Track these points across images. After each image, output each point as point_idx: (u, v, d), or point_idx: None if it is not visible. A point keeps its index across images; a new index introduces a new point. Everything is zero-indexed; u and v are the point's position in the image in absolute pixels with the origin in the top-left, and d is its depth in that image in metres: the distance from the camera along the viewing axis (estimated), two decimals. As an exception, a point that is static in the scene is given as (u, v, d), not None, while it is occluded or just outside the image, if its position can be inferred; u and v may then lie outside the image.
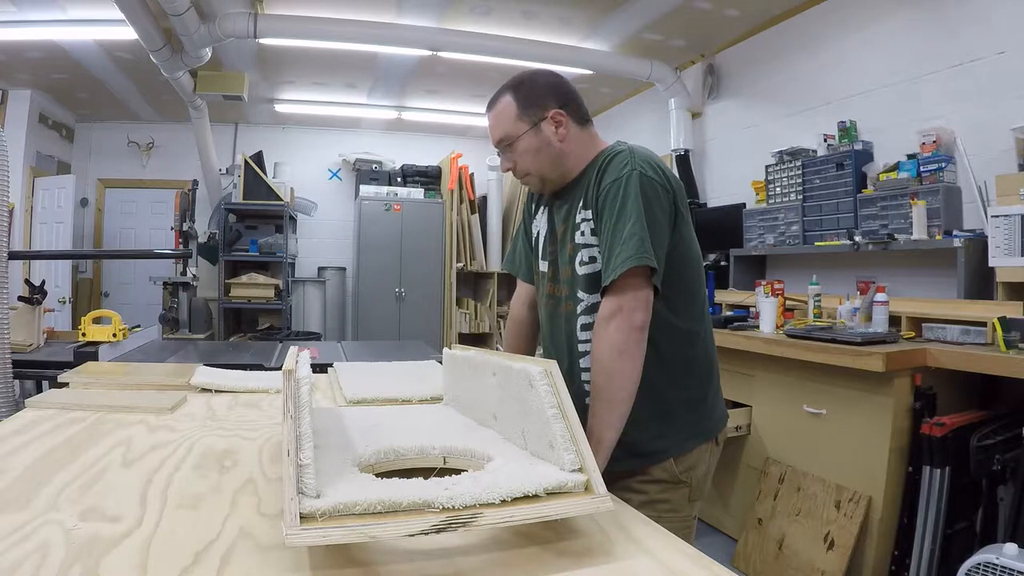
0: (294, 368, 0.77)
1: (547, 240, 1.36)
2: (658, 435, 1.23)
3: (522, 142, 1.25)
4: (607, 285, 1.12)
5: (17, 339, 2.30)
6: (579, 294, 1.25)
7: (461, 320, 6.31)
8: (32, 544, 0.66)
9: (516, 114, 1.26)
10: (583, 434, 0.78)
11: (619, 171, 1.17)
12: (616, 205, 1.15)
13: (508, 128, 1.26)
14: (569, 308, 1.27)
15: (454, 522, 0.64)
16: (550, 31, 4.31)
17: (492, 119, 1.30)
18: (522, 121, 1.25)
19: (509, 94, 1.27)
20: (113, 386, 1.56)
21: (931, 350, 2.24)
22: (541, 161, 1.27)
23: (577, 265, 1.25)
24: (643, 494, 1.23)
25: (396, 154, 6.85)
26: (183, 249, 5.43)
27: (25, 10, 3.89)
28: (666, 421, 1.23)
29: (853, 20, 3.44)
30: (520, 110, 1.26)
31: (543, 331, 1.39)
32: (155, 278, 5.71)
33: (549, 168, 1.27)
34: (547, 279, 1.35)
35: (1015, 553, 1.67)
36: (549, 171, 1.28)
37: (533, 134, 1.25)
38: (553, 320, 1.32)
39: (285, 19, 4.03)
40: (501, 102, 1.28)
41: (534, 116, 1.25)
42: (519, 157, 1.27)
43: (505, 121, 1.26)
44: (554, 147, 1.26)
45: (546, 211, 1.38)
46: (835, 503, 2.34)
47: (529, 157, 1.26)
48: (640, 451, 1.22)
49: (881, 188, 3.01)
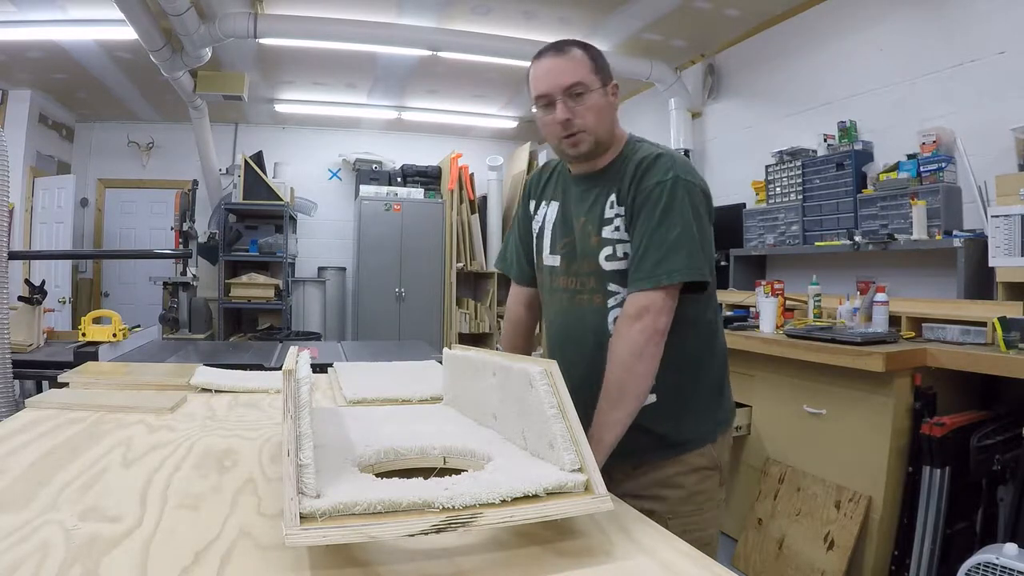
0: (294, 368, 0.77)
1: (558, 232, 1.32)
2: (693, 424, 1.26)
3: (594, 95, 1.20)
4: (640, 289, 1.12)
5: (17, 339, 2.30)
6: (610, 287, 1.23)
7: (461, 320, 6.31)
8: (32, 544, 0.66)
9: (591, 67, 1.21)
10: (583, 434, 0.78)
11: (663, 175, 1.16)
12: (658, 210, 1.14)
13: (583, 76, 1.19)
14: (598, 301, 1.24)
15: (454, 522, 0.64)
16: (550, 31, 4.31)
17: (561, 63, 1.21)
18: (596, 76, 1.21)
19: (580, 49, 1.22)
20: (113, 386, 1.56)
21: (931, 350, 2.24)
22: (602, 122, 1.22)
23: (603, 259, 1.22)
24: (681, 488, 1.24)
25: (396, 154, 6.85)
26: (183, 249, 5.43)
27: (25, 10, 3.89)
28: (698, 410, 1.27)
29: (853, 20, 3.44)
30: (595, 65, 1.22)
31: (551, 325, 1.36)
32: (155, 278, 5.71)
33: (603, 133, 1.23)
34: (560, 272, 1.31)
35: (1015, 553, 1.67)
36: (602, 136, 1.23)
37: (602, 93, 1.22)
38: (569, 313, 1.29)
39: (285, 19, 4.03)
40: (573, 51, 1.22)
41: (605, 77, 1.22)
42: (585, 110, 1.20)
43: (580, 69, 1.20)
44: (613, 114, 1.25)
45: (557, 203, 1.35)
46: (835, 503, 2.34)
47: (593, 114, 1.20)
48: (675, 441, 1.24)
49: (881, 188, 3.01)
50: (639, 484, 1.25)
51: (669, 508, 1.23)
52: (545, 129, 1.25)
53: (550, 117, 1.21)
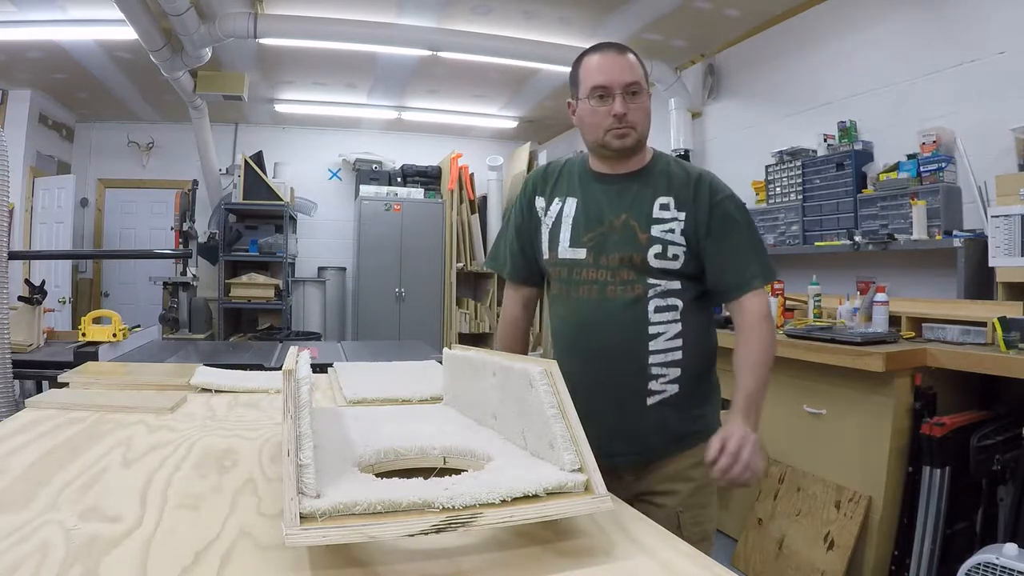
0: (294, 368, 0.77)
1: (581, 225, 1.36)
2: (701, 415, 1.33)
3: (645, 98, 1.32)
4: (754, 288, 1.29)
5: (17, 339, 2.30)
6: (650, 280, 1.30)
7: (461, 320, 6.31)
8: (32, 544, 0.66)
9: (643, 73, 1.33)
10: (583, 434, 0.78)
11: (726, 190, 1.34)
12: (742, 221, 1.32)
13: (640, 79, 1.30)
14: (637, 291, 1.29)
15: (454, 522, 0.64)
16: (550, 31, 4.31)
17: (623, 61, 1.31)
18: (646, 83, 1.33)
19: (633, 54, 1.33)
20: (113, 386, 1.56)
21: (931, 350, 2.24)
22: (646, 124, 1.33)
23: (651, 256, 1.29)
24: (691, 481, 1.29)
25: (396, 154, 6.85)
26: (183, 249, 5.43)
27: (25, 10, 3.89)
28: (709, 401, 1.36)
29: (853, 20, 3.44)
30: (644, 73, 1.33)
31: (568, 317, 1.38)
32: (155, 278, 5.71)
33: (645, 134, 1.34)
34: (586, 264, 1.34)
35: (1015, 553, 1.67)
36: (643, 136, 1.34)
37: (648, 98, 1.33)
38: (599, 305, 1.32)
39: (285, 19, 4.03)
40: (629, 54, 1.32)
41: (648, 86, 1.34)
42: (638, 109, 1.30)
43: (637, 71, 1.31)
44: (650, 120, 1.35)
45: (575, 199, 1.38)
46: (835, 503, 2.34)
47: (643, 115, 1.32)
48: (685, 433, 1.30)
49: (881, 188, 3.01)
50: (649, 482, 1.31)
51: (681, 502, 1.28)
52: (592, 118, 1.31)
53: (605, 108, 1.29)
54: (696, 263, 1.31)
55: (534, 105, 6.04)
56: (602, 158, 1.37)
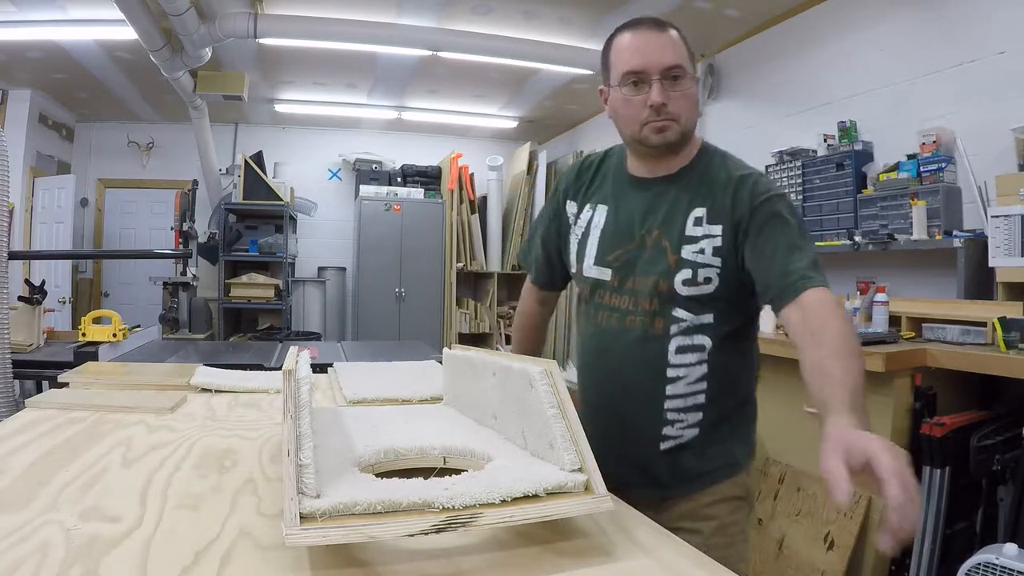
0: (294, 368, 0.77)
1: (608, 241, 1.17)
2: (725, 450, 1.18)
3: (689, 82, 1.10)
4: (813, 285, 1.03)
5: (17, 339, 2.30)
6: (676, 312, 1.11)
7: (461, 320, 6.32)
8: (32, 544, 0.66)
9: (688, 53, 1.10)
10: (583, 434, 0.78)
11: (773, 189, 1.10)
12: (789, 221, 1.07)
13: (683, 60, 1.09)
14: (658, 328, 1.12)
15: (454, 522, 0.64)
16: (550, 31, 4.31)
17: (663, 40, 1.09)
18: (691, 64, 1.11)
19: (675, 30, 1.11)
20: (113, 386, 1.56)
21: (931, 350, 2.24)
22: (692, 113, 1.12)
23: (679, 282, 1.09)
24: (714, 519, 1.15)
25: (396, 154, 6.86)
26: (183, 249, 5.43)
27: (25, 10, 3.89)
28: (735, 437, 1.20)
29: (853, 20, 3.44)
30: (689, 53, 1.11)
31: (586, 342, 1.25)
32: (155, 278, 5.72)
33: (691, 126, 1.12)
34: (610, 288, 1.17)
35: (1015, 553, 1.66)
36: (689, 129, 1.12)
37: (694, 82, 1.12)
38: (616, 336, 1.16)
39: (285, 19, 4.03)
40: (671, 30, 1.11)
41: (693, 67, 1.12)
42: (681, 97, 1.08)
43: (681, 52, 1.09)
44: (698, 108, 1.14)
45: (606, 208, 1.19)
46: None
47: (688, 104, 1.10)
48: (707, 469, 1.16)
49: (881, 188, 3.01)
50: (667, 518, 1.11)
51: (703, 541, 1.10)
52: (626, 109, 1.11)
53: (640, 97, 1.08)
54: (735, 282, 1.09)
55: (534, 105, 6.04)
56: (639, 156, 1.17)
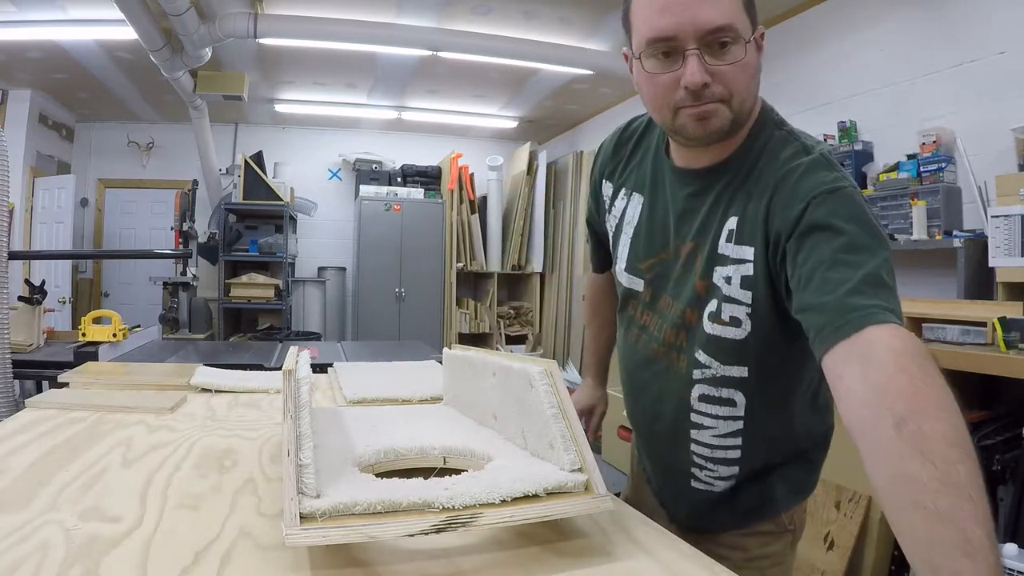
0: (294, 368, 0.77)
1: (642, 244, 0.94)
2: (766, 493, 0.98)
3: (742, 49, 0.76)
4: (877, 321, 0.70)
5: (17, 339, 2.30)
6: (698, 355, 0.88)
7: (461, 320, 6.32)
8: (32, 544, 0.66)
9: (743, 5, 0.78)
10: (583, 434, 0.78)
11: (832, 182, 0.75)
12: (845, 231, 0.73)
13: (734, 17, 0.76)
14: (683, 365, 0.91)
15: (454, 522, 0.64)
16: (550, 31, 4.31)
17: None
18: (748, 18, 0.78)
19: None
20: (113, 386, 1.56)
21: (931, 350, 2.24)
22: (749, 93, 0.80)
23: (706, 319, 0.86)
24: (740, 550, 0.99)
25: (396, 154, 6.86)
26: (183, 249, 5.43)
27: (25, 10, 3.89)
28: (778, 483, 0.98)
29: (853, 20, 3.44)
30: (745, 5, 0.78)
31: (622, 359, 1.06)
32: (155, 278, 5.72)
33: (748, 106, 0.82)
34: (642, 303, 0.97)
35: (1015, 553, 1.67)
36: (745, 112, 0.81)
37: (754, 46, 0.79)
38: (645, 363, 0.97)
39: (285, 19, 4.03)
40: None
41: (754, 22, 0.80)
42: (733, 68, 0.77)
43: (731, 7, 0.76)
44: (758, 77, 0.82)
45: (643, 199, 0.94)
46: (835, 503, 2.34)
47: (745, 75, 0.78)
48: (741, 511, 0.99)
49: (881, 188, 3.01)
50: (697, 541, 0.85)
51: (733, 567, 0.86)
52: (652, 88, 0.81)
53: (670, 75, 0.78)
54: (775, 329, 0.81)
55: (534, 105, 6.04)
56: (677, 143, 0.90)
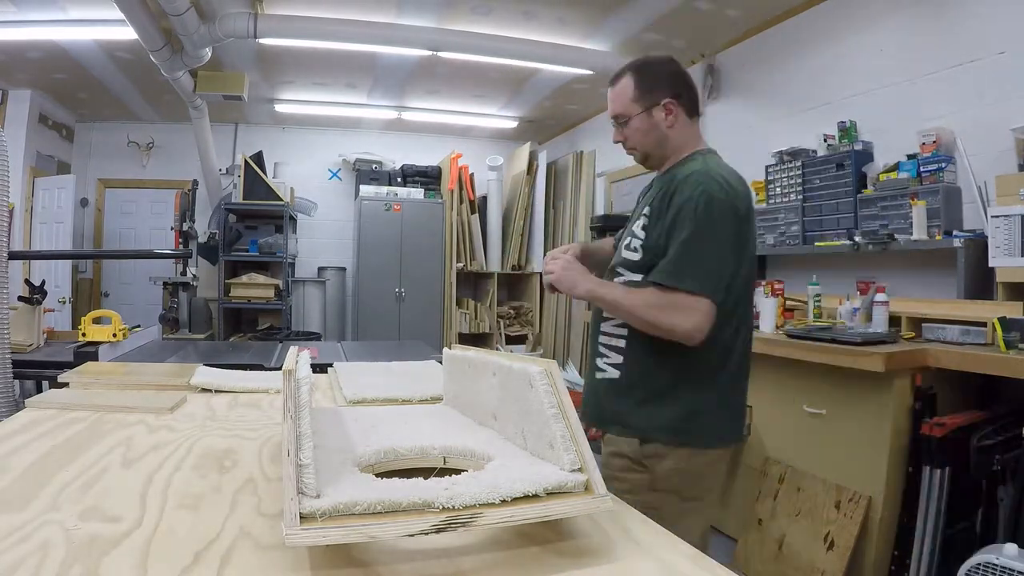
0: (294, 368, 0.77)
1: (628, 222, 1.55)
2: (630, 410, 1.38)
3: (634, 121, 1.43)
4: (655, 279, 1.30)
5: (17, 339, 2.30)
6: (619, 269, 1.43)
7: (461, 320, 6.31)
8: (32, 544, 0.66)
9: (633, 95, 1.42)
10: (583, 434, 0.78)
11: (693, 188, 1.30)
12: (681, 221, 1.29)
13: (624, 108, 1.43)
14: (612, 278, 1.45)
15: (454, 522, 0.64)
16: (550, 31, 4.31)
17: (611, 94, 1.46)
18: (637, 103, 1.42)
19: (630, 75, 1.43)
20: (113, 386, 1.56)
21: (931, 350, 2.24)
22: (647, 141, 1.44)
23: (623, 248, 1.43)
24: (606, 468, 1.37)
25: (396, 154, 6.86)
26: (183, 249, 5.43)
27: (25, 10, 3.89)
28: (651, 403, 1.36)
29: (853, 20, 3.44)
30: (638, 92, 1.42)
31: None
32: (155, 278, 5.72)
33: (653, 148, 1.45)
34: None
35: (1015, 553, 1.67)
36: (652, 150, 1.46)
37: (645, 116, 1.42)
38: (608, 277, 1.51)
39: (285, 19, 4.03)
40: (621, 82, 1.44)
41: (648, 101, 1.41)
42: (630, 133, 1.44)
43: (622, 100, 1.43)
44: (661, 131, 1.43)
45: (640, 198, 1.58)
46: (835, 503, 2.34)
47: (639, 135, 1.44)
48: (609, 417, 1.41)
49: (881, 188, 3.01)
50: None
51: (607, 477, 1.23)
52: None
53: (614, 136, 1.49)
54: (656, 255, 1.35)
55: (534, 105, 6.04)
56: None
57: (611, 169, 5.89)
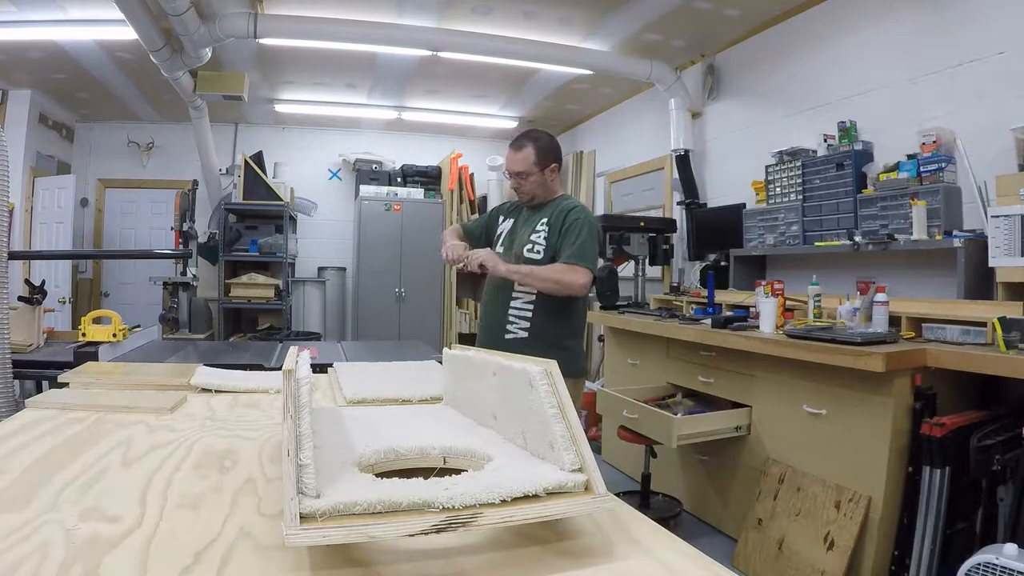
0: (294, 368, 0.77)
1: (508, 236, 2.31)
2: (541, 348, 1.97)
3: (532, 177, 2.21)
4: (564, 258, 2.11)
5: (17, 339, 2.30)
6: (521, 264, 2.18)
7: (461, 320, 6.31)
8: (32, 544, 0.66)
9: (534, 160, 2.19)
10: (583, 434, 0.78)
11: (579, 214, 2.16)
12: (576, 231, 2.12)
13: (527, 167, 2.20)
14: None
15: (454, 522, 0.64)
16: (550, 31, 4.31)
17: (515, 155, 2.20)
18: (536, 166, 2.20)
19: (531, 146, 2.19)
20: (113, 386, 1.56)
21: (931, 350, 2.24)
22: (538, 190, 2.24)
23: (525, 251, 2.19)
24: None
25: (396, 154, 6.86)
26: (183, 249, 5.43)
27: (25, 10, 3.89)
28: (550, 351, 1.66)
29: (853, 20, 3.44)
30: (536, 159, 2.20)
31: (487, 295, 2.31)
32: (155, 278, 5.72)
33: (540, 193, 2.25)
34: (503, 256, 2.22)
35: (1015, 553, 1.67)
36: (539, 195, 2.26)
37: (539, 175, 2.21)
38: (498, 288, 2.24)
39: (285, 19, 4.03)
40: (524, 150, 2.19)
41: (543, 165, 2.21)
42: (528, 184, 2.22)
43: (527, 163, 2.19)
44: (546, 184, 2.25)
45: (512, 220, 2.34)
46: (835, 503, 2.34)
47: (534, 186, 2.23)
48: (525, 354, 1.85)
49: (881, 188, 3.00)
50: None
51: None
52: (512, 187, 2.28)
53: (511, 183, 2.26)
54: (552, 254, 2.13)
55: (534, 105, 6.04)
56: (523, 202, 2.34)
57: (611, 169, 5.89)
